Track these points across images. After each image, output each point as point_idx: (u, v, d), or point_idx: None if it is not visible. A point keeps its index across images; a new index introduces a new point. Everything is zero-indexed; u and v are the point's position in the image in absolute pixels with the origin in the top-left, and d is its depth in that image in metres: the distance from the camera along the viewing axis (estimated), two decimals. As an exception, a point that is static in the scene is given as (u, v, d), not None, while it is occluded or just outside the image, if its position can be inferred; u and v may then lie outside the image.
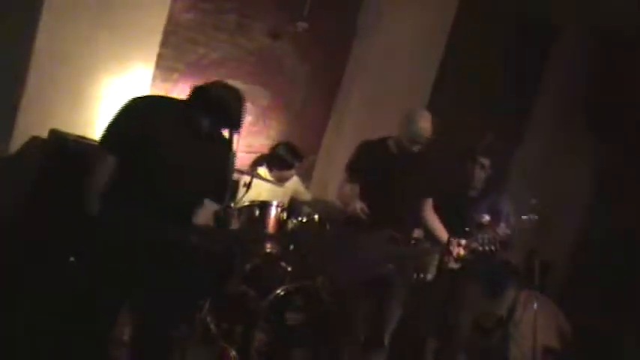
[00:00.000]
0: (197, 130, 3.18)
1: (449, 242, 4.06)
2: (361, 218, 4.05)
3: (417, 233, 4.35)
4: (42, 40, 4.09)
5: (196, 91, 3.19)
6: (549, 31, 6.83)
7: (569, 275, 6.37)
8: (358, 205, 4.02)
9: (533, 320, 4.62)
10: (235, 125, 3.16)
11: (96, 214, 3.08)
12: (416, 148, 4.08)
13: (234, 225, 4.18)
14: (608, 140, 6.35)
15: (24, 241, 3.90)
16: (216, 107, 3.13)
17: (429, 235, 4.30)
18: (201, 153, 3.21)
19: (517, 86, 6.66)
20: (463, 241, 4.06)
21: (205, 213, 3.40)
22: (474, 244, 4.06)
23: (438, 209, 4.35)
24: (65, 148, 3.98)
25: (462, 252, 4.04)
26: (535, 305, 4.66)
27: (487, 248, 4.06)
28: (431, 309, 4.60)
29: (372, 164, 4.16)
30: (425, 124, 4.05)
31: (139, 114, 3.15)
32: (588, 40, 6.59)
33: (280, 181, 4.86)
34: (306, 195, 5.23)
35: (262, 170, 4.86)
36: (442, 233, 4.19)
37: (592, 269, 6.06)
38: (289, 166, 4.90)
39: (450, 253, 4.04)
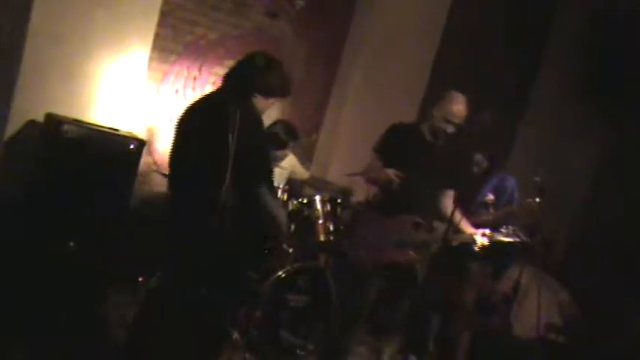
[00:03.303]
0: None
1: (474, 234, 4.03)
2: (385, 202, 4.03)
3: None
4: (37, 21, 4.04)
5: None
6: (551, 4, 6.77)
7: (572, 252, 6.35)
8: (391, 171, 3.97)
9: (537, 297, 4.62)
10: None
11: None
12: (450, 130, 4.01)
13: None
14: (613, 116, 6.29)
15: (23, 226, 3.88)
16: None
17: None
18: None
19: (519, 60, 6.59)
20: (487, 231, 4.03)
21: None
22: (499, 236, 4.02)
23: None
24: (61, 133, 3.93)
25: (486, 242, 4.01)
26: (538, 282, 4.67)
27: (512, 240, 4.02)
28: (435, 287, 4.58)
29: (403, 149, 4.08)
30: (460, 106, 4.01)
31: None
32: (590, 14, 6.50)
33: (274, 159, 4.82)
34: (303, 174, 5.19)
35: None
36: (466, 225, 4.11)
37: (595, 246, 6.04)
38: (284, 145, 4.83)
39: (475, 244, 4.00)
